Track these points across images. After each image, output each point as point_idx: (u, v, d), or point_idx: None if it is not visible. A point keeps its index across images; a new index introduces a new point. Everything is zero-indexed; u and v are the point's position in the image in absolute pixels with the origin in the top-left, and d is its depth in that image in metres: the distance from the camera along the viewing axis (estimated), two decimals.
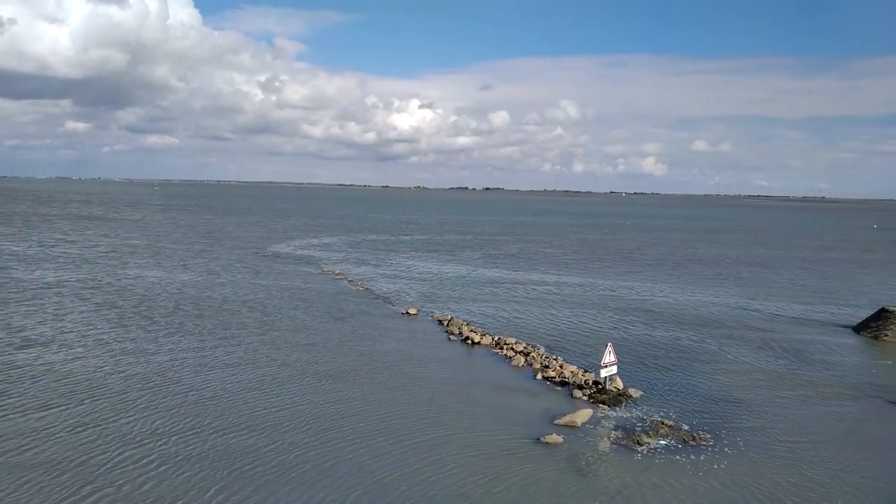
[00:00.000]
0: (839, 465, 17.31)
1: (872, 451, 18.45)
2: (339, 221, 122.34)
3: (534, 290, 45.71)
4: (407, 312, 35.99)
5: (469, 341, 29.71)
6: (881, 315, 33.70)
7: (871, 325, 33.63)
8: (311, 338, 29.62)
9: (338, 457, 17.00)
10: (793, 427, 20.03)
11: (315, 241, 78.75)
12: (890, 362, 28.56)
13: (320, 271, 52.11)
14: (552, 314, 37.08)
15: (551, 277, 52.30)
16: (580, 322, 35.20)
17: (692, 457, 17.49)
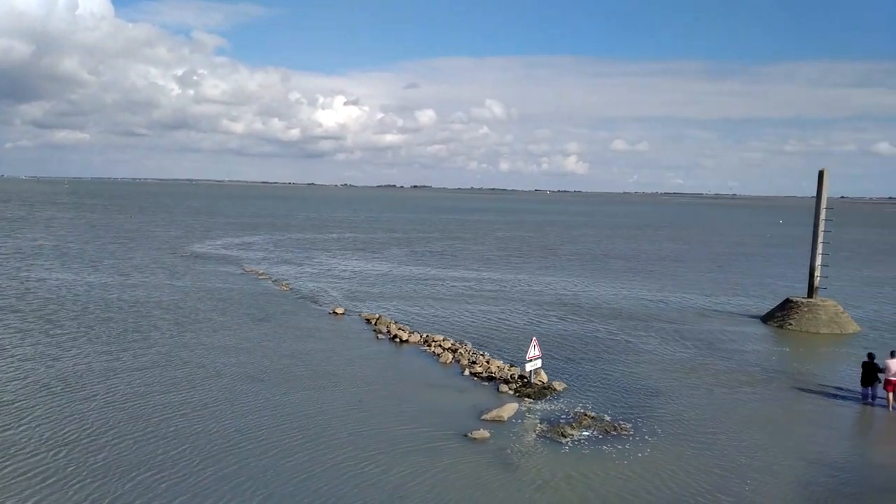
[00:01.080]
0: (748, 447, 18.15)
1: (775, 433, 19.46)
2: (263, 220, 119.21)
3: (461, 286, 45.89)
4: (334, 312, 35.32)
5: (397, 339, 29.43)
6: (786, 305, 35.69)
7: (777, 315, 35.56)
8: (230, 339, 28.57)
9: (253, 458, 16.36)
10: (705, 413, 20.86)
11: (237, 241, 76.35)
12: (790, 349, 30.28)
13: (242, 271, 50.50)
14: (479, 310, 37.30)
15: (478, 274, 52.69)
16: (506, 317, 35.56)
17: (615, 446, 17.89)
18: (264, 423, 18.75)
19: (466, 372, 24.57)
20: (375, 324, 32.44)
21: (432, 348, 27.95)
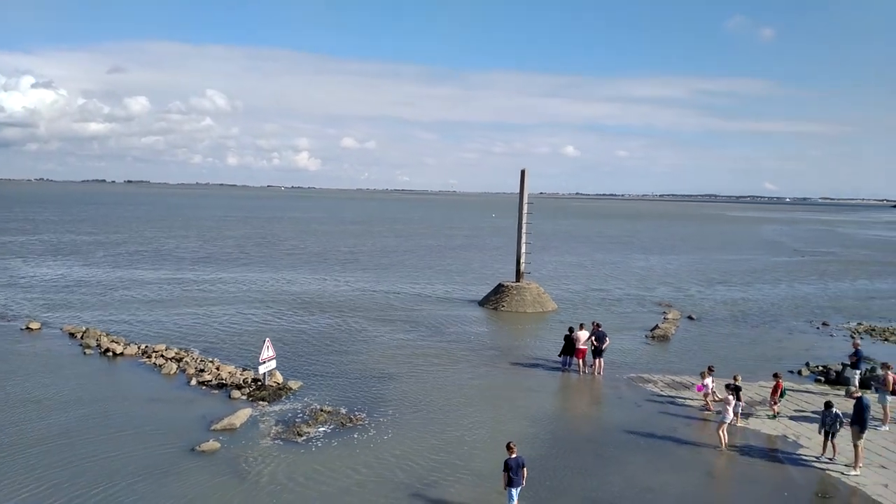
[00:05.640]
0: (474, 416, 20.08)
1: (495, 400, 21.89)
2: None
3: (182, 289, 42.63)
4: (27, 328, 30.24)
5: (110, 353, 26.26)
6: (498, 289, 39.98)
7: (492, 299, 39.66)
8: None
9: None
10: (434, 392, 22.47)
11: None
12: (503, 328, 34.18)
13: None
14: (206, 314, 35.04)
15: (202, 275, 49.46)
16: (236, 319, 33.99)
17: (352, 437, 18.28)
18: None
19: (194, 381, 22.94)
20: (82, 337, 28.56)
21: (153, 359, 25.52)
